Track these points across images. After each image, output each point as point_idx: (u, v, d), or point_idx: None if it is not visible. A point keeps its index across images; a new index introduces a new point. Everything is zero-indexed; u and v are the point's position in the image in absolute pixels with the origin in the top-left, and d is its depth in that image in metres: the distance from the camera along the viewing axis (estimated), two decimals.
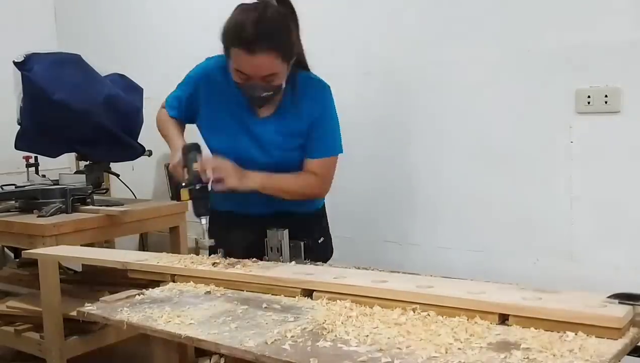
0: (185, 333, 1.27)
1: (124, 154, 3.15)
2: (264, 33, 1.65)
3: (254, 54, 1.65)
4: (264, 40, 1.64)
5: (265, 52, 1.65)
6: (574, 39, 2.04)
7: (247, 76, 1.70)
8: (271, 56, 1.66)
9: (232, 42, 1.69)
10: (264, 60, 1.66)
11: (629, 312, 1.14)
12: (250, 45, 1.64)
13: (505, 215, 2.24)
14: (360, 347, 1.12)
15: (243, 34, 1.65)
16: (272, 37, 1.66)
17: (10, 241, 2.89)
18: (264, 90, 1.73)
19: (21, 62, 2.76)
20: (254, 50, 1.64)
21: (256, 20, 1.65)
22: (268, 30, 1.66)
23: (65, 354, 2.61)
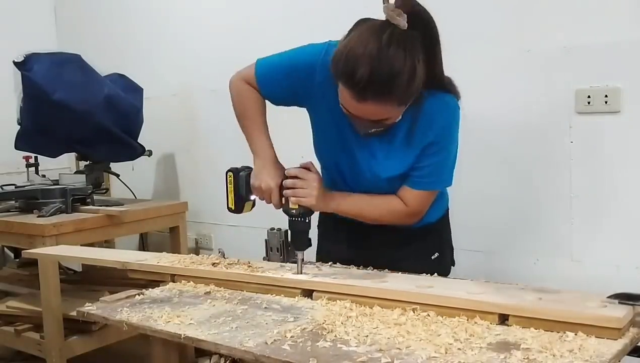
0: (185, 333, 1.27)
1: (124, 154, 3.15)
2: (381, 81, 1.32)
3: (363, 102, 1.36)
4: (378, 89, 1.33)
5: (378, 102, 1.36)
6: (574, 39, 2.04)
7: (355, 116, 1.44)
8: (386, 105, 1.37)
9: (340, 76, 1.38)
10: (374, 108, 1.37)
11: (629, 312, 1.14)
12: (359, 93, 1.34)
13: (505, 215, 2.24)
14: (360, 347, 1.12)
15: (354, 76, 1.32)
16: (391, 87, 1.33)
17: (10, 241, 2.89)
18: (373, 127, 1.47)
19: (21, 62, 2.76)
20: (366, 98, 1.35)
21: (372, 59, 1.31)
22: (384, 77, 1.31)
23: (65, 354, 2.61)
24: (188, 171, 3.46)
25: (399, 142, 1.54)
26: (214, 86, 3.24)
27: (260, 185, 1.59)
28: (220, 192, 3.33)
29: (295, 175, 1.56)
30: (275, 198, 1.57)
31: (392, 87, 1.33)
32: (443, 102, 1.52)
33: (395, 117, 1.44)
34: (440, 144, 1.52)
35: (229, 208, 1.68)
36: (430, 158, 1.52)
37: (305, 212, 1.54)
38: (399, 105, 1.40)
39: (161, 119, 3.43)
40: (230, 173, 1.68)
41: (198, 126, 3.36)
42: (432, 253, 1.75)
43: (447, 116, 1.53)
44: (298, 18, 2.85)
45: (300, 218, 1.54)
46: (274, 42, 2.93)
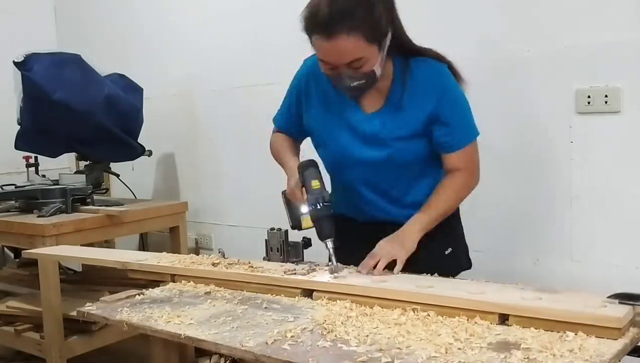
0: (185, 333, 1.27)
1: (124, 154, 3.16)
2: (338, 11, 1.43)
3: (331, 38, 1.45)
4: (339, 19, 1.43)
5: (344, 33, 1.44)
6: (574, 39, 2.04)
7: (331, 65, 1.51)
8: (351, 38, 1.44)
9: (309, 29, 1.50)
10: (344, 43, 1.45)
11: (629, 312, 1.14)
12: (326, 29, 1.44)
13: (505, 215, 2.24)
14: (360, 347, 1.12)
15: (317, 17, 1.46)
16: (349, 14, 1.44)
17: (10, 241, 2.89)
18: (354, 79, 1.52)
19: (21, 62, 2.76)
20: (331, 33, 1.44)
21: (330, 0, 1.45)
22: (343, 6, 1.44)
23: (65, 354, 2.62)
24: (188, 171, 3.46)
25: (397, 107, 1.62)
26: (214, 86, 3.24)
27: (289, 191, 1.67)
28: (220, 191, 3.35)
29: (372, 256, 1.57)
30: (298, 196, 1.62)
31: (353, 16, 1.43)
32: (429, 65, 1.62)
33: (371, 60, 1.50)
34: (448, 103, 1.60)
35: (291, 226, 1.74)
36: (448, 119, 1.60)
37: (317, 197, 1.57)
38: (368, 40, 1.46)
39: (161, 119, 3.43)
40: (283, 194, 1.73)
41: (198, 126, 3.36)
42: (446, 248, 1.76)
43: (442, 74, 1.62)
44: (297, 18, 2.85)
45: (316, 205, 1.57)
46: (274, 42, 2.95)
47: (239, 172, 3.18)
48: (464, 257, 1.84)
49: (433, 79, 1.60)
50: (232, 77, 3.14)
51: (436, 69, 1.62)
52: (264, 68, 2.98)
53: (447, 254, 1.76)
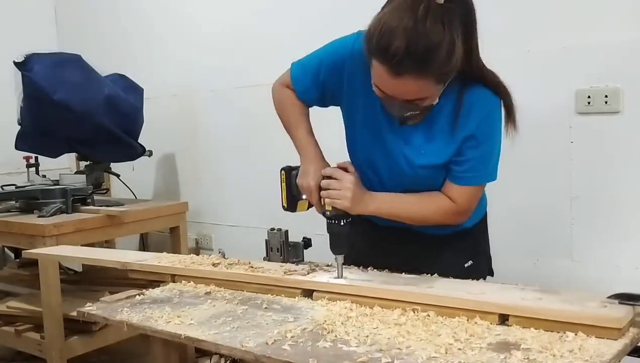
0: (185, 334, 1.27)
1: (124, 153, 3.16)
2: (415, 54, 1.24)
3: (399, 78, 1.28)
4: (413, 63, 1.25)
5: (414, 77, 1.28)
6: (574, 39, 2.04)
7: (387, 94, 1.36)
8: (421, 82, 1.29)
9: (374, 52, 1.30)
10: (411, 85, 1.30)
11: (629, 312, 1.14)
12: (396, 67, 1.27)
13: (505, 215, 2.24)
14: (360, 347, 1.12)
15: (388, 52, 1.25)
16: (427, 61, 1.26)
17: (11, 241, 2.89)
18: (408, 110, 1.38)
19: (21, 62, 2.76)
20: (399, 73, 1.27)
21: (408, 32, 1.24)
22: (423, 50, 1.24)
23: (65, 354, 2.62)
24: (188, 171, 3.46)
25: (437, 131, 1.47)
26: (214, 86, 3.24)
27: (303, 185, 1.53)
28: (220, 191, 3.35)
29: (329, 175, 1.48)
30: (315, 198, 1.51)
31: (430, 61, 1.26)
32: (484, 95, 1.44)
33: (433, 97, 1.36)
34: (481, 137, 1.45)
35: (283, 206, 1.63)
36: (471, 151, 1.45)
37: (341, 214, 1.46)
38: (437, 82, 1.32)
39: (161, 119, 3.43)
40: (283, 171, 1.61)
41: (198, 126, 3.36)
42: (466, 261, 1.65)
43: (487, 108, 1.45)
44: (298, 19, 2.85)
45: (335, 220, 1.47)
46: (274, 42, 2.95)
47: (239, 172, 3.18)
48: (486, 269, 1.74)
49: (479, 109, 1.44)
50: (232, 77, 3.14)
51: (487, 99, 1.45)
52: (264, 68, 2.97)
53: (467, 267, 1.64)
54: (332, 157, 1.60)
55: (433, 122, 1.47)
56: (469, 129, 1.44)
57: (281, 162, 1.96)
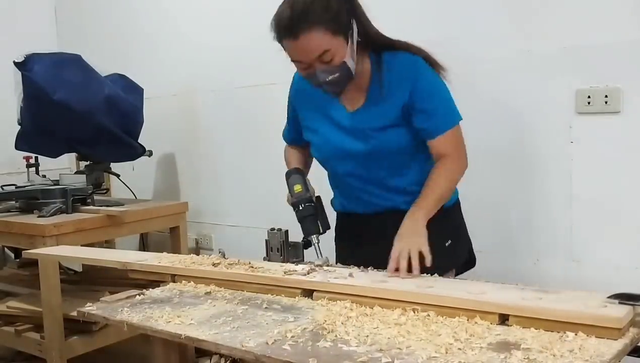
0: (185, 334, 1.27)
1: (124, 153, 3.16)
2: (299, 12, 1.54)
3: (297, 38, 1.54)
4: (301, 19, 1.53)
5: (307, 30, 1.54)
6: (574, 39, 2.04)
7: (304, 63, 1.60)
8: (314, 33, 1.54)
9: (278, 35, 1.60)
10: (308, 39, 1.54)
11: (629, 312, 1.14)
12: (291, 30, 1.55)
13: (505, 215, 2.24)
14: (360, 347, 1.12)
15: (281, 22, 1.57)
16: (308, 13, 1.54)
17: (11, 241, 2.89)
18: (327, 73, 1.59)
19: (21, 62, 2.76)
20: (296, 33, 1.54)
21: (291, 3, 1.56)
22: (302, 7, 1.54)
23: (65, 354, 2.62)
24: (188, 171, 3.46)
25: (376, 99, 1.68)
26: (214, 86, 3.24)
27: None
28: (220, 191, 3.35)
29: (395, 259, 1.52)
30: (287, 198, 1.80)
31: (310, 12, 1.53)
32: (401, 57, 1.67)
33: (339, 52, 1.57)
34: (422, 91, 1.65)
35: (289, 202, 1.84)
36: (425, 106, 1.65)
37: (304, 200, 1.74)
38: (332, 33, 1.54)
39: (161, 119, 3.43)
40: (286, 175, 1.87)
41: (198, 126, 3.36)
42: (446, 240, 1.76)
43: (415, 64, 1.66)
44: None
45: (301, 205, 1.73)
46: (274, 42, 2.94)
47: (239, 172, 3.18)
48: (466, 251, 1.85)
49: (406, 70, 1.65)
50: (232, 77, 3.14)
51: (408, 60, 1.67)
52: (264, 68, 2.98)
53: (447, 246, 1.76)
54: None
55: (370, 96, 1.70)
56: (406, 85, 1.64)
57: (281, 162, 1.97)
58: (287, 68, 1.81)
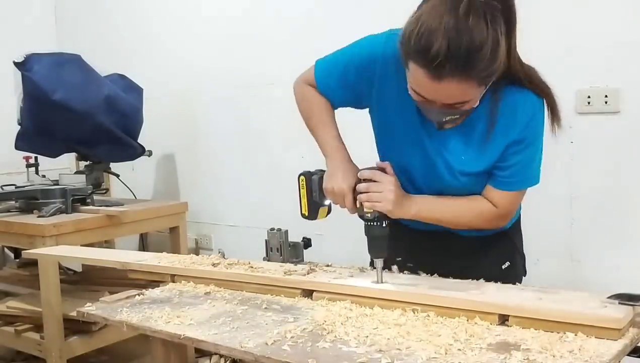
0: (184, 334, 1.27)
1: (124, 154, 3.16)
2: (458, 55, 1.17)
3: (440, 81, 1.21)
4: (458, 64, 1.18)
5: (456, 80, 1.20)
6: (574, 39, 2.04)
7: (426, 99, 1.29)
8: (463, 85, 1.22)
9: (412, 54, 1.23)
10: (452, 88, 1.22)
11: (629, 312, 1.14)
12: (437, 69, 1.19)
13: None
14: (360, 348, 1.12)
15: (429, 51, 1.18)
16: (470, 62, 1.19)
17: (10, 241, 2.89)
18: (448, 114, 1.32)
19: (21, 62, 2.76)
20: (441, 76, 1.20)
21: (450, 32, 1.16)
22: (466, 49, 1.17)
23: (65, 354, 2.62)
24: (188, 171, 3.46)
25: (477, 136, 1.40)
26: (214, 86, 3.25)
27: (333, 188, 1.45)
28: (220, 191, 3.35)
29: (369, 177, 1.40)
30: (349, 202, 1.43)
31: (473, 62, 1.18)
32: (525, 97, 1.38)
33: (474, 100, 1.29)
34: (525, 141, 1.39)
35: (302, 214, 1.54)
36: (515, 156, 1.40)
37: (381, 217, 1.39)
38: (479, 84, 1.25)
39: (161, 119, 3.43)
40: (302, 177, 1.53)
41: (198, 126, 3.36)
42: (503, 262, 1.62)
43: (532, 111, 1.39)
44: (298, 19, 2.85)
45: (376, 222, 1.40)
46: (274, 42, 2.95)
47: (239, 172, 3.18)
48: (522, 271, 1.69)
49: (522, 112, 1.38)
50: (232, 77, 3.14)
51: (531, 103, 1.39)
52: (264, 68, 2.98)
53: (505, 269, 1.61)
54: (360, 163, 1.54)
55: (471, 125, 1.40)
56: (513, 133, 1.38)
57: (281, 162, 1.97)
58: (287, 68, 1.81)
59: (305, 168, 1.57)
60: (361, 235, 1.42)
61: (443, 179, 1.45)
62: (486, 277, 1.44)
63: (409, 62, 1.25)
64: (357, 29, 2.63)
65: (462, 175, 1.43)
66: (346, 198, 1.43)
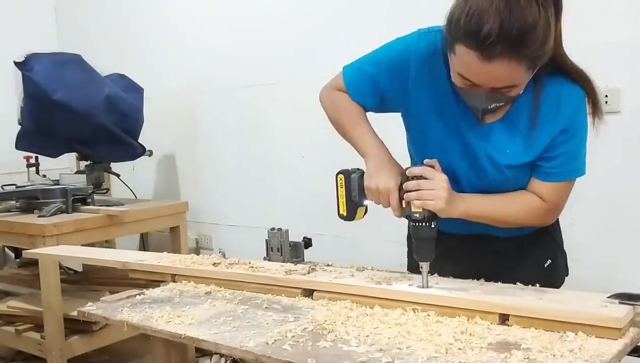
0: (185, 333, 1.27)
1: (124, 153, 3.16)
2: (510, 35, 1.16)
3: (490, 61, 1.19)
4: (509, 44, 1.17)
5: (507, 60, 1.18)
6: (574, 39, 2.04)
7: (473, 83, 1.27)
8: (513, 65, 1.20)
9: (461, 36, 1.21)
10: (502, 69, 1.20)
11: (629, 312, 1.14)
12: (487, 50, 1.17)
13: None
14: (361, 347, 1.12)
15: (480, 32, 1.16)
16: (523, 40, 1.17)
17: (11, 241, 2.89)
18: (493, 101, 1.29)
19: (22, 62, 2.76)
20: (491, 56, 1.18)
21: (502, 12, 1.15)
22: (518, 29, 1.16)
23: (65, 354, 2.62)
24: (188, 171, 3.46)
25: (521, 127, 1.38)
26: (214, 86, 3.25)
27: (378, 187, 1.38)
28: (220, 191, 3.35)
29: (420, 174, 1.33)
30: (395, 201, 1.36)
31: (525, 42, 1.17)
32: (569, 87, 1.37)
33: (521, 86, 1.27)
34: (571, 130, 1.37)
35: (340, 215, 1.47)
36: (561, 146, 1.37)
37: (430, 216, 1.33)
38: (528, 67, 1.22)
39: (161, 119, 3.44)
40: (340, 175, 1.46)
41: (199, 126, 3.36)
42: (545, 260, 1.58)
43: (577, 101, 1.37)
44: (298, 18, 2.86)
45: (425, 223, 1.33)
46: (274, 42, 2.95)
47: (239, 172, 3.18)
48: (565, 268, 1.65)
49: (566, 103, 1.36)
50: (232, 77, 3.14)
51: (576, 94, 1.37)
52: (264, 68, 2.98)
53: (547, 267, 1.57)
54: None
55: (513, 117, 1.38)
56: (559, 123, 1.35)
57: (281, 162, 1.96)
58: (287, 68, 1.81)
59: (305, 167, 1.57)
60: (361, 235, 1.42)
61: (487, 173, 1.42)
62: (529, 276, 1.40)
63: (457, 45, 1.23)
64: (356, 29, 2.64)
65: (507, 168, 1.39)
66: (392, 197, 1.37)
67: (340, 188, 1.46)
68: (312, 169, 2.78)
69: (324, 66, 1.92)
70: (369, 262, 1.90)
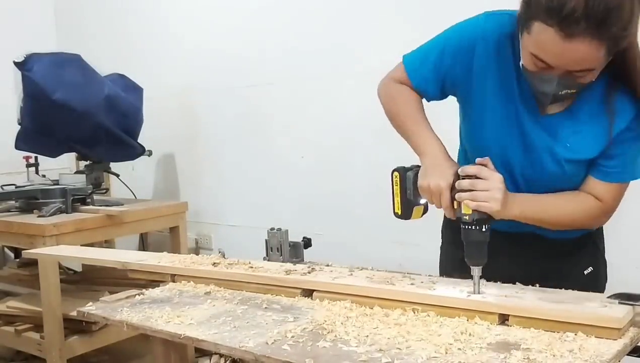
0: (185, 333, 1.27)
1: (124, 153, 3.16)
2: (596, 12, 1.11)
3: (571, 40, 1.13)
4: (593, 23, 1.11)
5: (588, 40, 1.13)
6: None
7: (547, 65, 1.21)
8: (594, 46, 1.14)
9: (541, 13, 1.15)
10: (582, 49, 1.14)
11: (629, 312, 1.14)
12: (570, 26, 1.12)
13: None
14: (360, 347, 1.12)
15: (564, 7, 1.11)
16: (607, 20, 1.11)
17: (11, 241, 2.90)
18: (565, 87, 1.23)
19: (21, 62, 2.76)
20: (573, 33, 1.12)
21: None
22: (604, 8, 1.11)
23: (65, 354, 2.62)
24: (188, 171, 3.46)
25: (583, 121, 1.32)
26: (214, 86, 3.25)
27: (429, 186, 1.32)
28: (220, 191, 3.35)
29: (474, 173, 1.27)
30: (446, 200, 1.30)
31: (610, 21, 1.11)
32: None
33: (595, 72, 1.21)
34: (637, 129, 1.30)
35: (395, 213, 1.42)
36: (626, 145, 1.30)
37: (482, 219, 1.26)
38: (607, 51, 1.16)
39: (161, 119, 3.43)
40: (396, 173, 1.40)
41: (198, 126, 3.36)
42: (586, 267, 1.52)
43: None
44: (298, 18, 2.86)
45: (475, 226, 1.26)
46: (274, 42, 2.95)
47: (239, 172, 3.18)
48: (604, 275, 1.59)
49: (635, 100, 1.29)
50: (232, 77, 3.14)
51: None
52: (264, 68, 2.98)
53: (587, 274, 1.52)
54: None
55: (577, 111, 1.32)
56: (625, 121, 1.29)
57: (281, 162, 1.95)
58: (287, 68, 1.80)
59: (305, 167, 1.57)
60: (361, 236, 1.42)
61: (543, 166, 1.36)
62: (567, 283, 1.34)
63: (535, 23, 1.18)
64: (356, 29, 2.64)
65: (567, 162, 1.34)
66: (443, 197, 1.30)
67: (396, 186, 1.41)
68: (312, 169, 2.78)
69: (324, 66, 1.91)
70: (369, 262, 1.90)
